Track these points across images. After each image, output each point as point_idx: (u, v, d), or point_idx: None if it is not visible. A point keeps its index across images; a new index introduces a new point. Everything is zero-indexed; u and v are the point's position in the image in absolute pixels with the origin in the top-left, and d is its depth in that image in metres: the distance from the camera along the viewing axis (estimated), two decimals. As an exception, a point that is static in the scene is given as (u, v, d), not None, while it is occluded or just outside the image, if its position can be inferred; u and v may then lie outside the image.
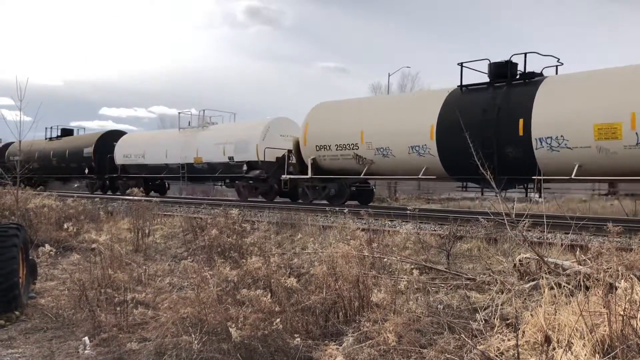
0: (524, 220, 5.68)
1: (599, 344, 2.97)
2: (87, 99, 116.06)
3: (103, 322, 4.11)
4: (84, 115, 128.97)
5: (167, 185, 28.24)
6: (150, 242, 8.81)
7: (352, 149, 15.62)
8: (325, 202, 16.56)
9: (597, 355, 2.90)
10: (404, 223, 9.86)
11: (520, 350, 2.94)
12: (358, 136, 15.45)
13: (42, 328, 4.35)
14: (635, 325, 3.01)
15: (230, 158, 20.86)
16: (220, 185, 24.83)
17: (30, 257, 5.43)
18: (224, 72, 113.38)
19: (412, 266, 5.61)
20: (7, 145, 35.95)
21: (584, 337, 3.02)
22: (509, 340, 3.34)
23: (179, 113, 25.24)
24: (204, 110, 24.40)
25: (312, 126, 17.06)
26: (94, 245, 5.84)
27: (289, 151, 18.40)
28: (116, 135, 29.01)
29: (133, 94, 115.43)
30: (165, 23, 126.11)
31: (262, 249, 6.56)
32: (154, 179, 26.49)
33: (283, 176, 18.01)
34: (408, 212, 8.83)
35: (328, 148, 16.32)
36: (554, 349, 3.05)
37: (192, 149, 22.69)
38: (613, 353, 2.88)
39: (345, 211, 9.22)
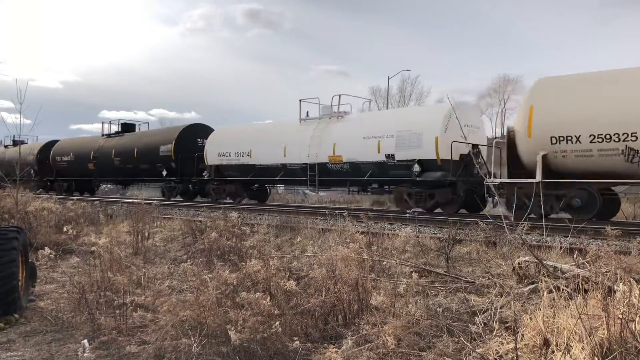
0: (522, 224, 5.70)
1: (597, 347, 2.98)
2: (86, 101, 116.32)
3: (102, 325, 4.11)
4: (83, 117, 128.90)
5: (268, 190, 23.20)
6: (150, 245, 8.81)
7: (624, 140, 10.97)
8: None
9: (595, 358, 2.91)
10: (403, 226, 9.88)
11: (519, 353, 2.95)
12: (637, 121, 10.84)
13: (41, 331, 4.35)
14: (633, 329, 3.02)
15: (389, 156, 15.60)
16: (356, 191, 18.66)
17: (30, 260, 5.43)
18: (224, 75, 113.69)
19: (412, 269, 5.61)
20: (51, 143, 30.36)
21: (583, 340, 3.03)
22: (508, 343, 3.34)
23: (300, 100, 18.82)
24: (339, 95, 18.04)
25: (540, 110, 12.15)
26: (93, 248, 5.86)
27: (475, 146, 14.59)
28: (199, 129, 23.53)
29: (132, 97, 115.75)
30: (164, 25, 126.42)
31: (261, 252, 6.57)
32: (264, 183, 21.35)
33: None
34: (407, 215, 8.85)
35: (574, 140, 11.59)
36: (553, 352, 3.06)
37: (327, 145, 17.23)
38: (612, 356, 2.89)
39: (344, 214, 9.25)
